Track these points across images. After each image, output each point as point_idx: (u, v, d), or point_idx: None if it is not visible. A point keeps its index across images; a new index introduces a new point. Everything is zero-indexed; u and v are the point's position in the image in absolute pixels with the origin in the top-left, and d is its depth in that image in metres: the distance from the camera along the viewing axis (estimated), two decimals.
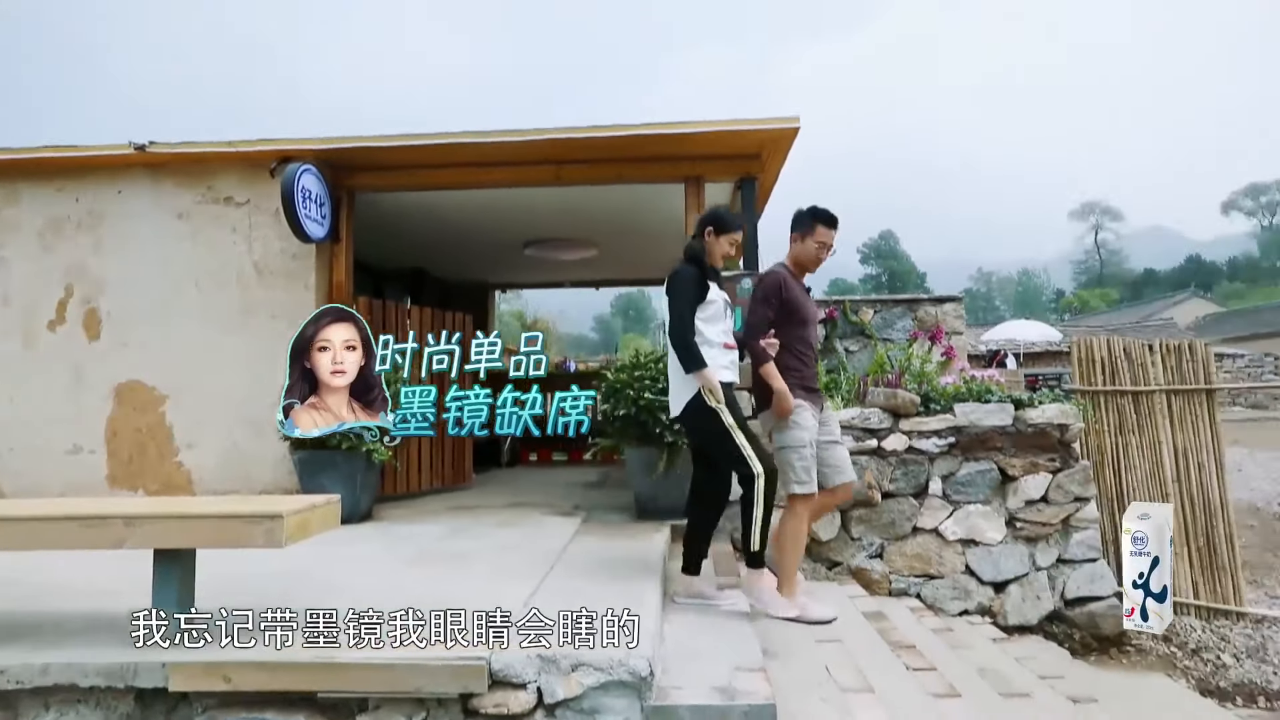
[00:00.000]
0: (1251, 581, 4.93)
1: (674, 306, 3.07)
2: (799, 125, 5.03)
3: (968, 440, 4.54)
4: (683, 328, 3.02)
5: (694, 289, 3.08)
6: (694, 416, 3.05)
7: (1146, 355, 4.96)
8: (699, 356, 2.98)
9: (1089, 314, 46.98)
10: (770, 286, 3.31)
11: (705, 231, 3.23)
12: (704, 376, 2.97)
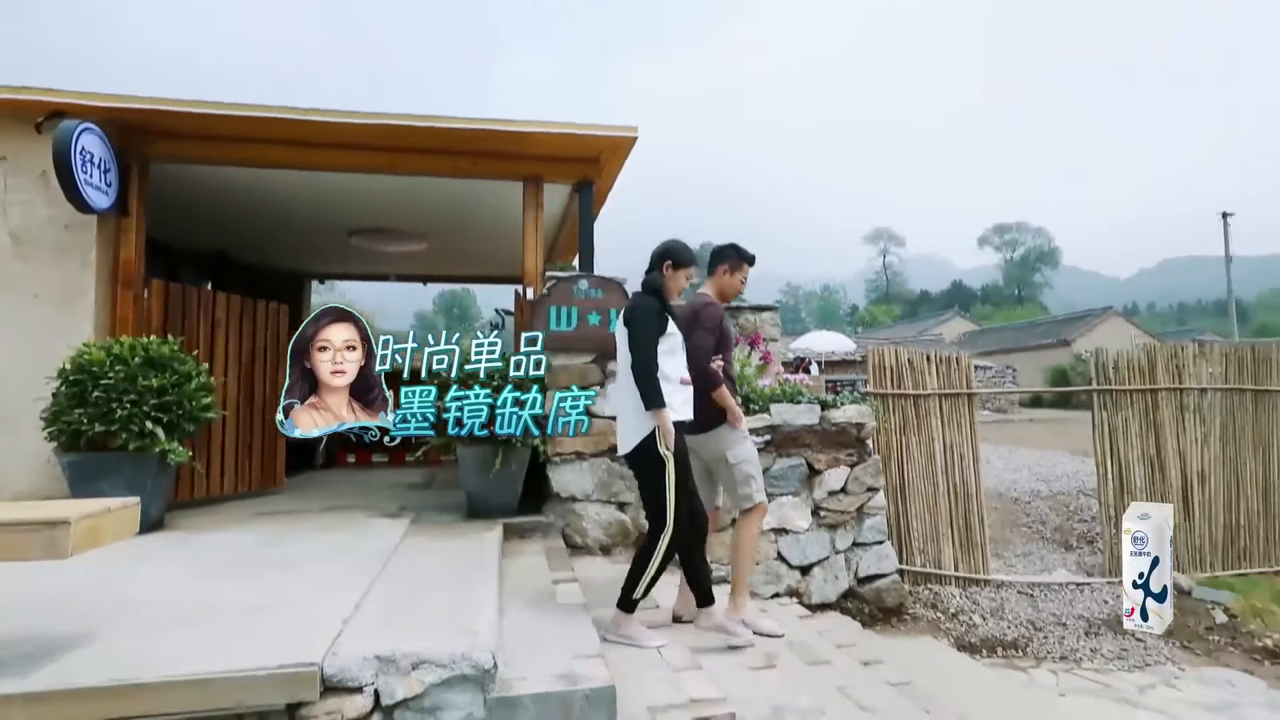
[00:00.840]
0: (995, 555, 5.88)
1: (638, 340, 3.02)
2: (637, 135, 5.23)
3: (781, 438, 4.98)
4: (648, 362, 2.97)
5: (657, 322, 3.05)
6: (642, 459, 3.01)
7: (925, 364, 5.75)
8: (660, 395, 2.95)
9: (878, 327, 52.95)
10: (715, 316, 3.44)
11: (663, 265, 3.23)
12: (661, 417, 2.94)
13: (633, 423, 3.04)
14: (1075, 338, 31.54)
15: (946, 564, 5.51)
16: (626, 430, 3.09)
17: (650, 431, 2.96)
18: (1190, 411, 5.86)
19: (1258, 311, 65.61)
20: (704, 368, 3.29)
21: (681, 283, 3.28)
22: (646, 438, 2.98)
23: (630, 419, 3.06)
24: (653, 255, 3.31)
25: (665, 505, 2.98)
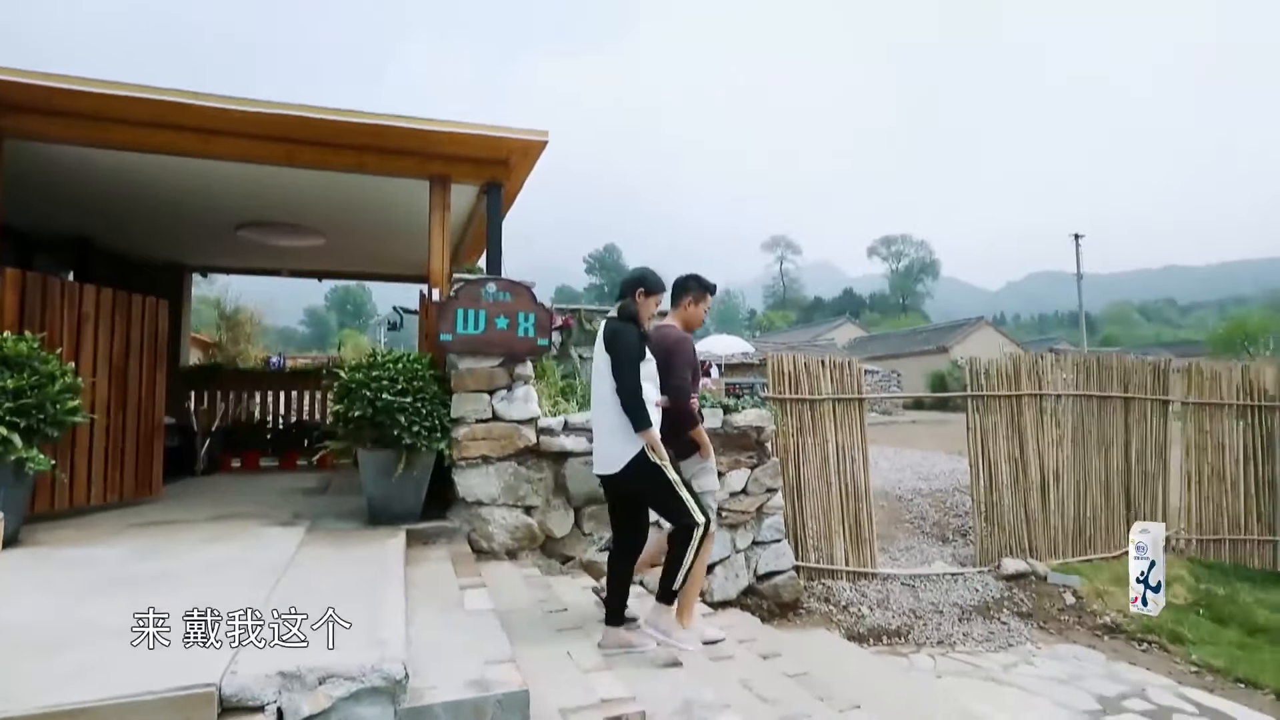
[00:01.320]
0: (881, 550, 6.29)
1: (622, 366, 3.10)
2: (548, 139, 5.23)
3: None
4: (635, 387, 3.07)
5: (639, 348, 3.15)
6: (639, 473, 3.08)
7: (820, 370, 6.06)
8: (648, 416, 3.06)
9: (774, 332, 54.92)
10: (691, 351, 3.52)
11: (636, 293, 3.33)
12: (650, 436, 3.05)
13: (616, 444, 3.12)
14: (952, 345, 33.95)
15: (838, 560, 5.83)
16: (609, 452, 3.16)
17: (639, 450, 3.07)
18: (1048, 415, 6.48)
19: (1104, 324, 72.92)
20: (684, 407, 3.39)
21: (652, 309, 3.39)
22: (636, 457, 3.08)
23: (612, 441, 3.14)
24: (624, 282, 3.40)
25: (684, 504, 3.08)
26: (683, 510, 3.08)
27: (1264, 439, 6.97)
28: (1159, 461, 6.82)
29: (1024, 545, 6.22)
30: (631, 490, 3.21)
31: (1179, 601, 5.67)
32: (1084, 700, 4.07)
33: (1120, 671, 4.53)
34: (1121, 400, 6.72)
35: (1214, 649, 4.82)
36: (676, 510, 3.09)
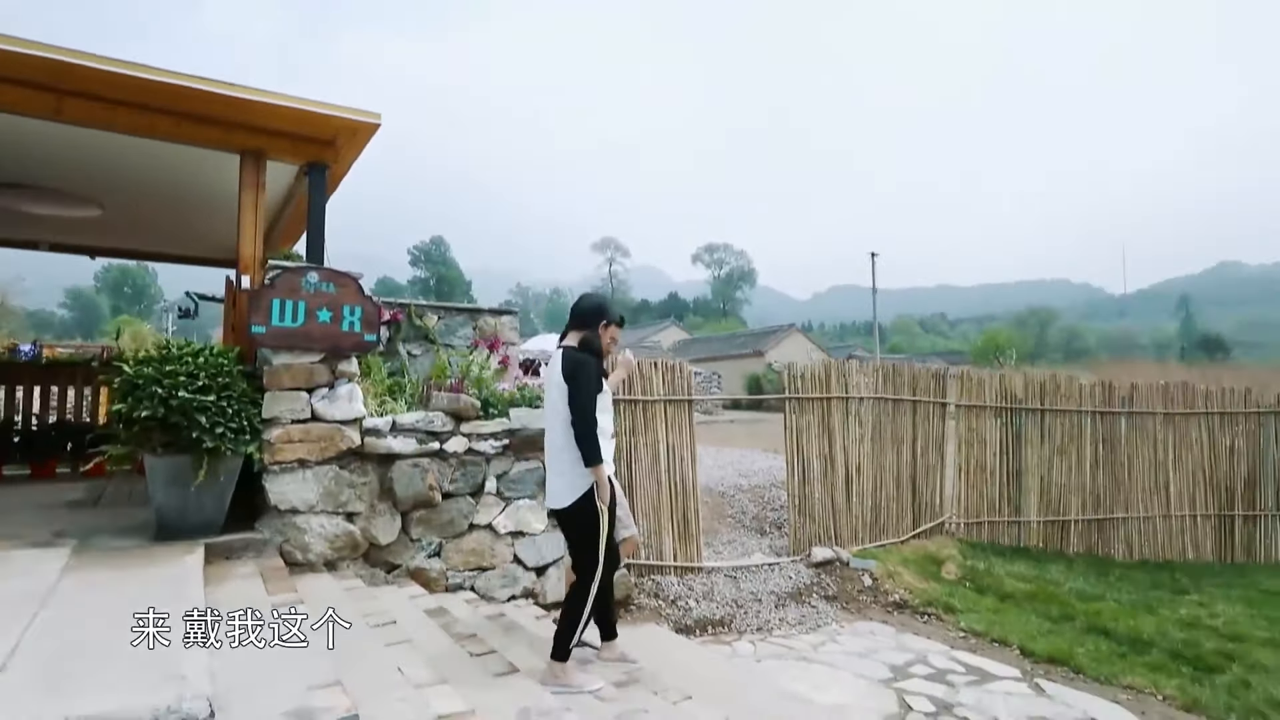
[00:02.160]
0: (707, 544, 6.61)
1: (580, 400, 3.10)
2: (380, 122, 4.92)
3: (519, 442, 5.04)
4: (589, 420, 3.08)
5: (598, 382, 3.19)
6: (579, 514, 3.14)
7: (652, 372, 6.24)
8: (599, 452, 3.08)
9: None
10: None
11: (599, 325, 3.34)
12: (599, 473, 3.09)
13: (567, 479, 3.17)
14: (767, 349, 36.50)
15: (667, 555, 6.04)
16: (560, 486, 3.20)
17: (588, 489, 3.11)
18: (853, 416, 7.17)
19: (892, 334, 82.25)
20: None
21: (609, 340, 3.42)
22: (584, 495, 3.12)
23: (565, 474, 3.18)
24: (585, 312, 3.39)
25: (596, 553, 3.13)
26: (593, 555, 3.14)
27: (1013, 436, 8.21)
28: (938, 456, 7.80)
29: (831, 534, 6.83)
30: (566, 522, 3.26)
31: (951, 577, 6.52)
32: (879, 670, 4.55)
33: (907, 642, 5.12)
34: (910, 403, 7.60)
35: (976, 616, 5.59)
36: (587, 558, 3.16)
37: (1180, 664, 4.77)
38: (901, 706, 4.07)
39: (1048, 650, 4.92)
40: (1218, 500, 8.39)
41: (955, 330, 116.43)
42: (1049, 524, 8.09)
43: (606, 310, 3.40)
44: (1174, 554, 8.17)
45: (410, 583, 4.45)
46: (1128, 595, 6.36)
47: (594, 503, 3.11)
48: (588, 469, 3.10)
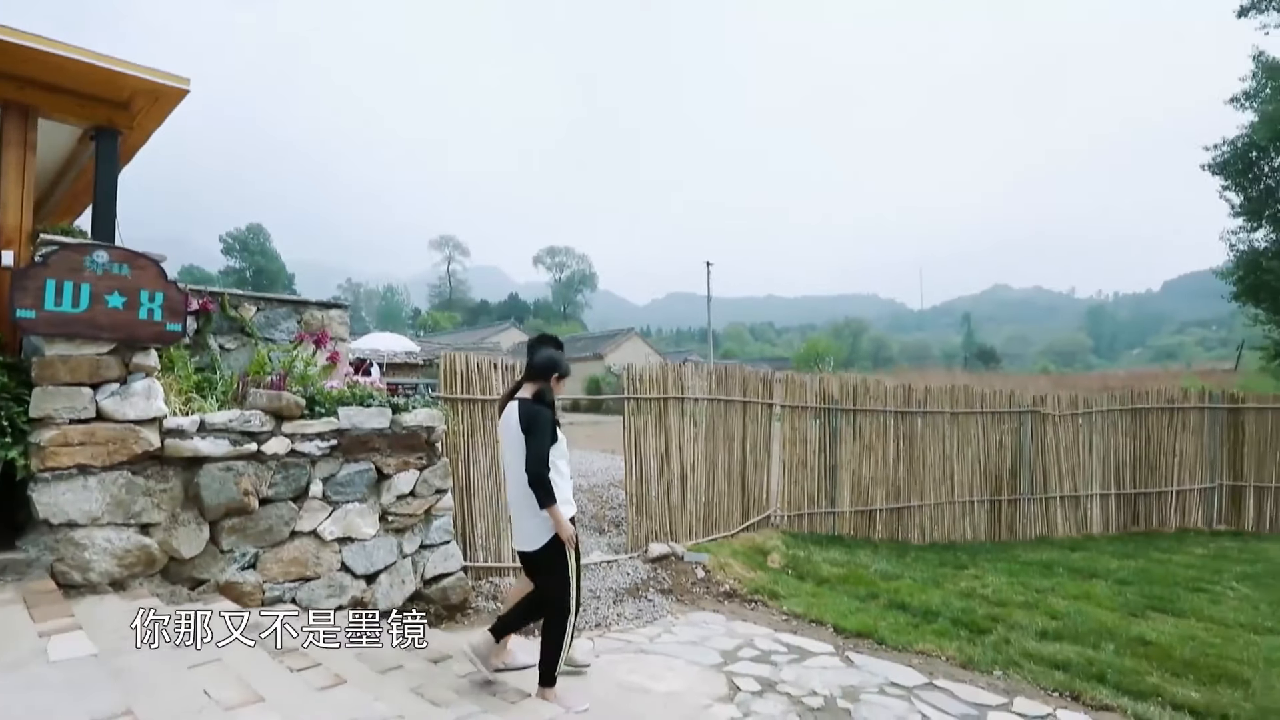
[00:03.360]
0: None
1: (535, 449, 3.37)
2: (189, 87, 4.44)
3: (349, 442, 4.74)
4: (543, 466, 3.35)
5: (549, 429, 3.47)
6: (550, 554, 3.45)
7: (492, 371, 6.12)
8: (553, 495, 3.36)
9: (440, 332, 53.81)
10: None
11: (553, 378, 3.68)
12: (555, 513, 3.36)
13: (534, 522, 3.47)
14: (607, 352, 37.05)
15: (506, 557, 5.94)
16: (527, 529, 3.50)
17: (554, 532, 3.40)
18: (688, 416, 7.48)
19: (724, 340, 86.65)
20: None
21: (562, 389, 3.80)
22: (554, 538, 3.42)
23: (530, 519, 3.48)
24: (539, 366, 3.70)
25: (568, 593, 3.45)
26: (564, 590, 3.45)
27: (829, 434, 8.99)
28: (765, 453, 8.34)
29: (667, 530, 7.07)
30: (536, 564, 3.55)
31: (775, 566, 7.00)
32: (711, 657, 4.78)
33: (736, 628, 5.43)
34: (741, 403, 8.07)
35: (797, 600, 6.04)
36: (560, 594, 3.45)
37: (959, 629, 5.46)
38: (731, 688, 4.31)
39: (856, 626, 5.43)
40: (990, 487, 9.70)
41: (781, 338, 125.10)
42: (858, 513, 8.93)
43: (559, 365, 3.74)
44: (957, 535, 9.33)
45: (220, 598, 4.03)
46: (921, 573, 7.17)
47: (560, 542, 3.43)
48: (543, 510, 3.38)
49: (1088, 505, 9.93)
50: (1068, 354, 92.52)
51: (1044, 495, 9.78)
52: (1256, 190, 17.85)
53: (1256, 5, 17.56)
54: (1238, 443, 10.26)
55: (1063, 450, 9.89)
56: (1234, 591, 6.72)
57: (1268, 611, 6.09)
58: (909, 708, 4.11)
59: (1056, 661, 4.79)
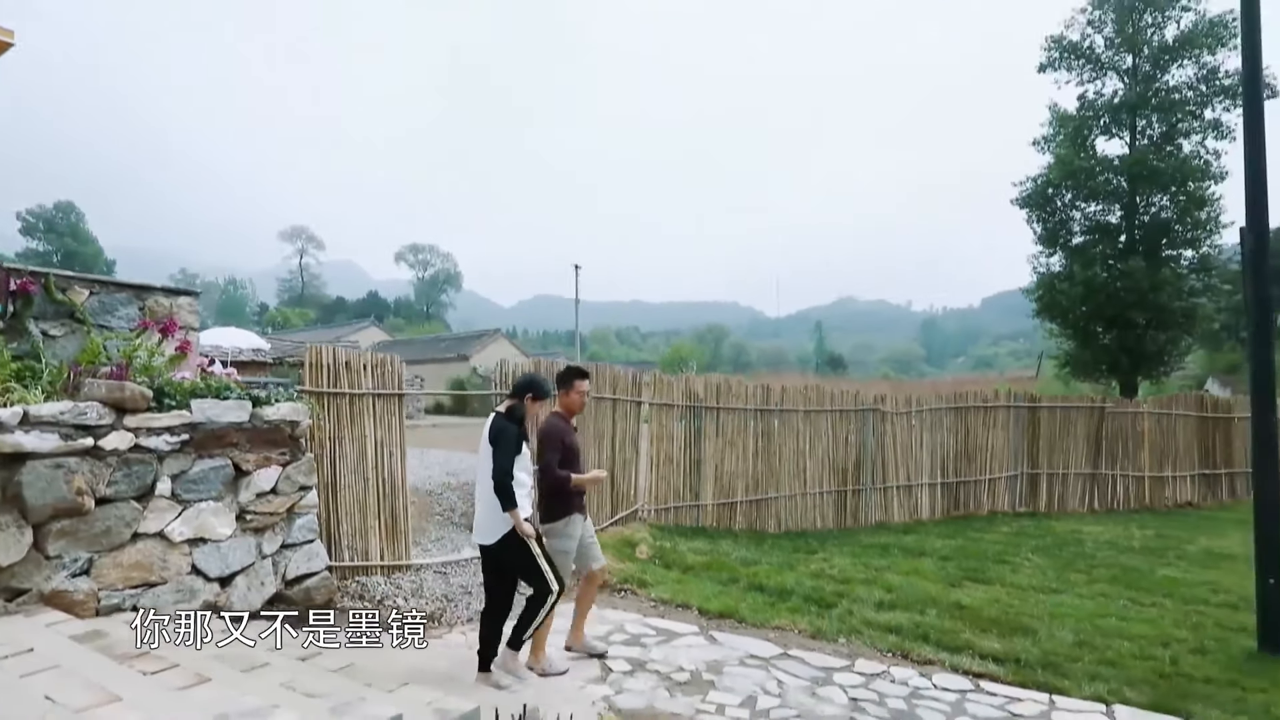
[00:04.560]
0: (415, 543, 6.45)
1: (499, 458, 3.89)
2: (13, 41, 4.00)
3: (203, 436, 4.47)
4: (505, 476, 3.85)
5: (514, 444, 3.97)
6: (508, 547, 3.94)
7: (360, 365, 5.94)
8: (514, 500, 3.85)
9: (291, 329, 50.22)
10: (552, 435, 4.50)
11: (525, 397, 4.17)
12: (516, 516, 3.86)
13: (494, 519, 3.95)
14: (472, 354, 36.26)
15: (373, 555, 5.79)
16: (488, 524, 4.01)
17: (511, 527, 3.87)
18: None
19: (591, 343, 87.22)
20: (552, 478, 4.42)
21: (538, 409, 4.27)
22: (509, 532, 3.90)
23: (492, 515, 3.96)
24: (517, 386, 4.30)
25: (544, 575, 3.93)
26: (542, 580, 3.94)
27: (694, 431, 9.43)
28: (634, 450, 8.62)
29: None
30: (503, 559, 4.02)
31: (643, 557, 7.27)
32: None
33: (607, 615, 5.61)
34: (611, 401, 8.29)
35: (664, 587, 6.33)
36: (537, 579, 3.94)
37: (810, 605, 5.97)
38: (604, 670, 4.49)
39: (719, 608, 5.79)
40: (837, 479, 10.57)
41: (647, 342, 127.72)
42: (721, 506, 9.43)
43: (533, 386, 4.22)
44: (809, 524, 10.09)
45: (45, 609, 3.67)
46: (776, 558, 7.72)
47: (519, 537, 3.87)
48: (505, 513, 3.85)
49: (919, 493, 11.06)
50: (904, 362, 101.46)
51: (883, 485, 10.79)
52: (1053, 222, 20.59)
53: (1051, 64, 20.33)
54: (1035, 437, 11.85)
55: (898, 445, 10.96)
56: (1029, 561, 7.80)
57: (1053, 576, 7.14)
58: (766, 675, 4.48)
59: (890, 627, 5.38)
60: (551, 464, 4.45)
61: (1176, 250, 19.39)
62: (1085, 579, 7.09)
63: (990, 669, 4.61)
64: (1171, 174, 18.45)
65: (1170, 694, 4.24)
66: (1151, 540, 9.17)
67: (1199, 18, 18.37)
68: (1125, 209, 19.62)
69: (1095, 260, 19.43)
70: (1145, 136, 19.50)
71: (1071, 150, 19.67)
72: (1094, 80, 20.03)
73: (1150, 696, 4.20)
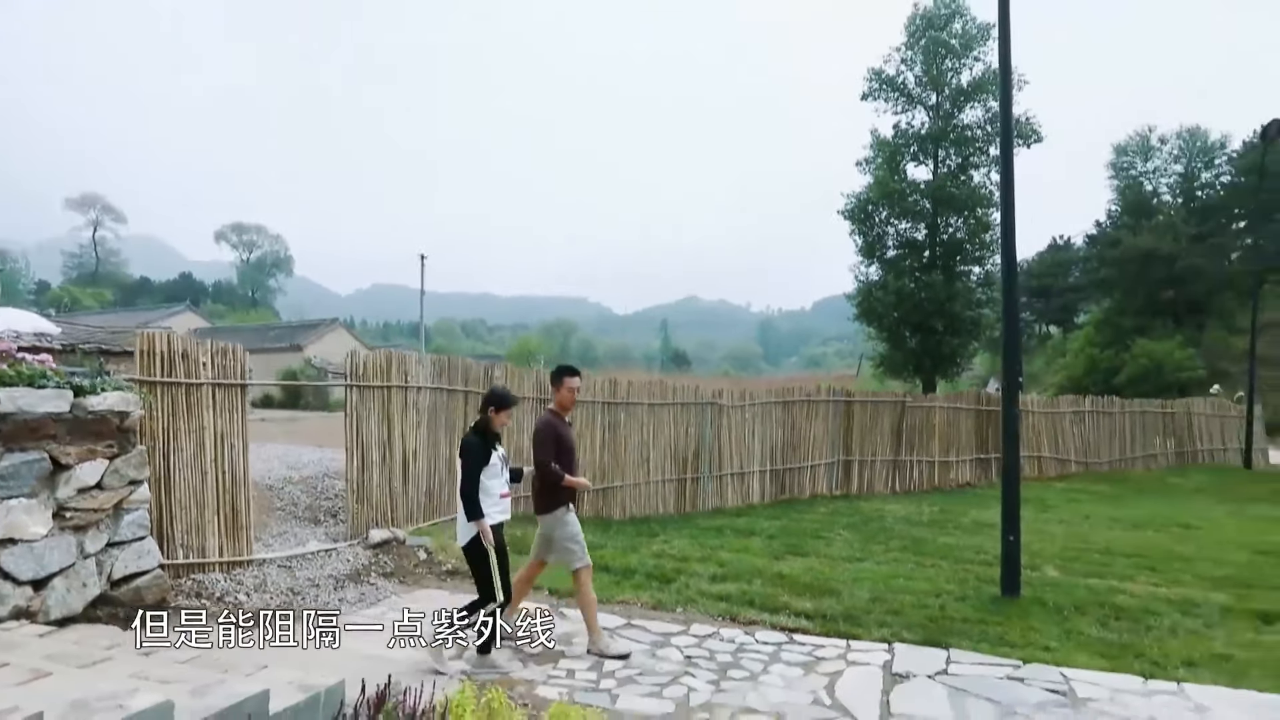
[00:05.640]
0: (256, 538, 6.22)
1: (465, 470, 4.27)
2: None
3: (13, 428, 4.17)
4: (471, 486, 4.26)
5: (479, 456, 4.29)
6: (472, 550, 4.34)
7: (199, 353, 5.65)
8: (479, 510, 4.24)
9: (84, 311, 44.16)
10: (542, 433, 4.79)
11: (489, 409, 4.47)
12: (480, 525, 4.23)
13: (464, 524, 4.33)
14: (307, 343, 34.01)
15: (211, 552, 5.56)
16: (461, 528, 4.39)
17: (476, 534, 4.25)
18: (410, 405, 7.60)
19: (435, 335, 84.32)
20: (544, 474, 4.69)
21: (505, 420, 4.52)
22: (475, 538, 4.27)
23: (461, 520, 4.35)
24: (483, 400, 4.59)
25: (491, 584, 4.28)
26: (489, 589, 4.28)
27: None
28: None
29: (389, 517, 7.12)
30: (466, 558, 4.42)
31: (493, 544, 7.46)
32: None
33: (460, 600, 5.73)
34: (463, 393, 8.39)
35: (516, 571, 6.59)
36: (485, 587, 4.30)
37: (652, 581, 6.49)
38: (458, 649, 4.69)
39: (568, 587, 6.12)
40: (678, 468, 11.30)
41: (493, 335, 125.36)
42: None
43: (494, 399, 4.47)
44: (652, 510, 10.72)
45: None
46: (621, 542, 8.21)
47: (480, 545, 4.23)
48: (470, 522, 4.22)
49: (750, 480, 12.08)
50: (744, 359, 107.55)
51: (719, 473, 11.68)
52: (871, 235, 23.03)
53: (872, 94, 22.74)
54: (849, 428, 13.32)
55: (734, 437, 11.89)
56: (840, 536, 8.89)
57: (858, 547, 8.23)
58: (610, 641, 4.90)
59: (721, 596, 6.02)
60: (546, 460, 4.69)
61: (967, 267, 22.41)
62: (883, 548, 8.23)
63: (802, 624, 5.35)
64: (964, 200, 21.31)
65: (936, 632, 5.18)
66: (937, 515, 10.71)
67: (987, 67, 21.31)
68: (929, 228, 22.35)
69: (905, 272, 22.02)
70: (945, 166, 22.33)
71: (887, 173, 22.10)
72: (906, 111, 22.62)
73: (922, 635, 5.11)
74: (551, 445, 4.76)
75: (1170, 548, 8.71)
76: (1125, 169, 42.39)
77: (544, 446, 4.76)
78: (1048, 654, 4.83)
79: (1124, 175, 42.32)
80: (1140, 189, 40.79)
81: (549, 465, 4.71)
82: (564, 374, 5.07)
